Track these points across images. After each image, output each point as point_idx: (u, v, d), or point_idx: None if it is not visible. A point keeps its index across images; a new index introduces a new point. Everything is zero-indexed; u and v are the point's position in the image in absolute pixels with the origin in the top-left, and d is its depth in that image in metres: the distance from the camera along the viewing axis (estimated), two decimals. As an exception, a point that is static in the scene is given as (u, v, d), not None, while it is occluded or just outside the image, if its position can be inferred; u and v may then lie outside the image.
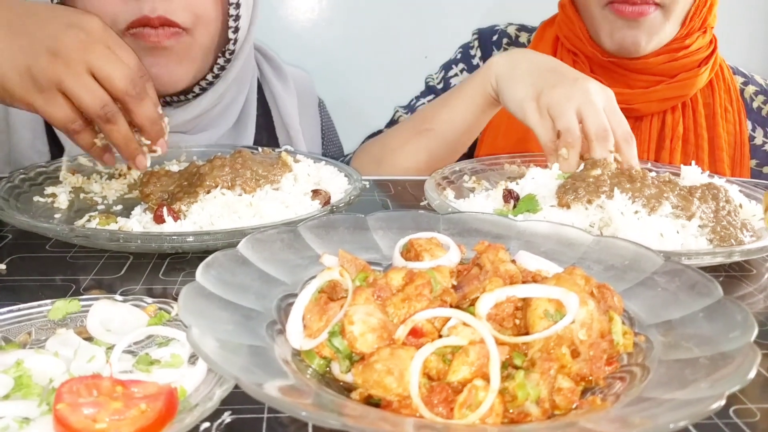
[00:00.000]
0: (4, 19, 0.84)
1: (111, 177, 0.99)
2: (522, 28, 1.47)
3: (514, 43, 1.45)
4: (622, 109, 1.04)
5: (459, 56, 1.46)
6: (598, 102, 0.96)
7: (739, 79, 1.39)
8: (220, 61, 1.11)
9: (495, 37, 1.45)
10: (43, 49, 0.82)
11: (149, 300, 0.59)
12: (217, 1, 1.06)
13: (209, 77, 1.12)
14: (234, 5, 1.06)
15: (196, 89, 1.13)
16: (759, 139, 1.36)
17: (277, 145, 1.27)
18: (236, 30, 1.09)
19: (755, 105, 1.37)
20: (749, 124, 1.35)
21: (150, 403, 0.43)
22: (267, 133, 1.30)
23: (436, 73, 1.46)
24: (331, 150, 1.44)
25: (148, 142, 0.90)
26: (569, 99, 0.96)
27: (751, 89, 1.38)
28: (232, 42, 1.10)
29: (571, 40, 1.32)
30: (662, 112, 1.31)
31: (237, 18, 1.07)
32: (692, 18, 1.24)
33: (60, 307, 0.57)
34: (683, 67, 1.27)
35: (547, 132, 0.97)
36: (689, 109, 1.32)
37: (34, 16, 0.85)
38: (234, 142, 1.22)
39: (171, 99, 1.13)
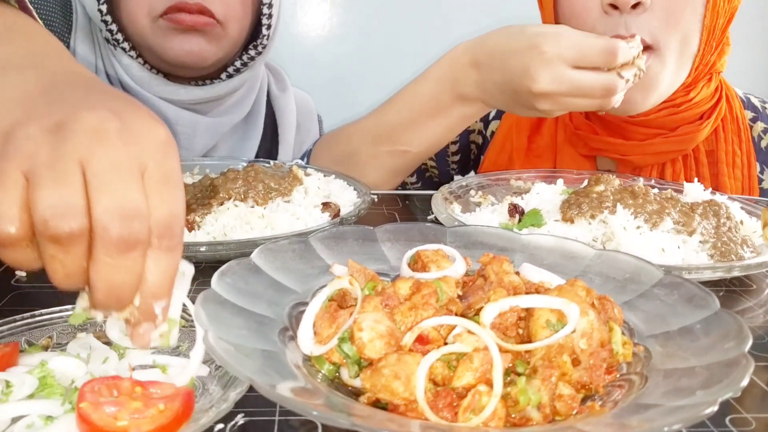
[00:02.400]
0: (47, 76, 0.54)
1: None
2: None
3: None
4: (617, 159, 1.01)
5: None
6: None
7: (749, 114, 1.24)
8: (251, 52, 1.24)
9: None
10: (54, 114, 0.47)
11: (166, 306, 0.61)
12: (247, 2, 1.18)
13: (237, 64, 1.24)
14: (267, 5, 1.20)
15: (223, 76, 1.25)
16: (767, 182, 1.22)
17: (276, 144, 1.41)
18: (269, 27, 1.22)
19: (763, 144, 1.22)
20: (757, 167, 1.21)
21: (168, 404, 0.45)
22: (271, 131, 1.42)
23: None
24: None
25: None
26: (550, 63, 0.90)
27: (759, 126, 1.23)
28: (265, 37, 1.23)
29: None
30: (661, 164, 1.20)
31: (270, 16, 1.21)
32: (698, 65, 1.11)
33: (80, 312, 0.59)
34: (683, 120, 1.16)
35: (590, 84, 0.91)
36: (691, 159, 1.20)
37: (88, 88, 0.54)
38: (245, 132, 1.37)
39: (200, 83, 1.24)
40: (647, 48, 1.02)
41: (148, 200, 0.47)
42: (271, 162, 1.10)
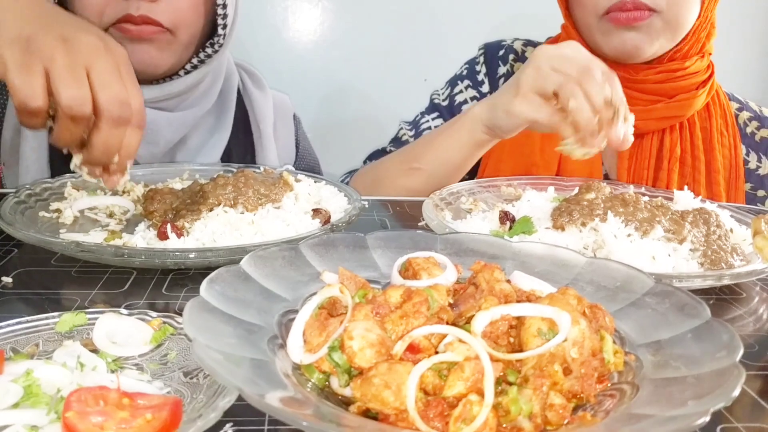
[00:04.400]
0: (42, 8, 0.82)
1: (115, 194, 1.01)
2: (528, 43, 1.47)
3: (520, 59, 1.45)
4: None
5: (465, 72, 1.47)
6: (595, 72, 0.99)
7: (734, 105, 1.42)
8: (208, 50, 1.22)
9: (501, 53, 1.46)
10: (57, 31, 0.78)
11: (154, 314, 0.60)
12: (199, 5, 1.16)
13: (194, 61, 1.22)
14: (221, 6, 1.18)
15: (181, 73, 1.23)
16: (753, 163, 1.39)
17: (251, 142, 1.39)
18: (224, 27, 1.21)
19: (749, 130, 1.40)
20: (743, 149, 1.38)
21: (155, 413, 0.45)
22: (243, 128, 1.40)
23: (441, 89, 1.46)
24: (306, 160, 1.53)
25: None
26: (557, 67, 0.99)
27: (745, 115, 1.42)
28: (221, 37, 1.21)
29: None
30: (661, 132, 1.34)
31: (225, 17, 1.19)
32: (693, 33, 1.27)
33: (67, 319, 0.58)
34: (682, 89, 1.31)
35: (544, 113, 0.99)
36: (686, 131, 1.35)
37: (70, 18, 0.85)
38: (215, 124, 1.35)
39: (156, 81, 1.22)
40: (651, 10, 1.19)
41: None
42: (261, 168, 1.09)
